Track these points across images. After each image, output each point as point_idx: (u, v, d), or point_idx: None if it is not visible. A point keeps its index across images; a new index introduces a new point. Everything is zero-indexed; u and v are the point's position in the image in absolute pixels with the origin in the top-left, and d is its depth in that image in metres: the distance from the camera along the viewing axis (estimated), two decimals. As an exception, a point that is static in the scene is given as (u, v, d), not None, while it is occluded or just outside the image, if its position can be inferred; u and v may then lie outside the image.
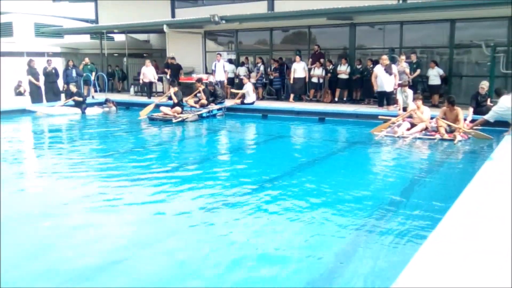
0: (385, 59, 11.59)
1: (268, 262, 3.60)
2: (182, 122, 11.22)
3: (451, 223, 3.31)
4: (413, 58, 12.71)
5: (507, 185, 4.27)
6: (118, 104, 14.38)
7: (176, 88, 11.84)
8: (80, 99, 13.05)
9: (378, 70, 11.67)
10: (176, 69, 16.42)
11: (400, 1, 13.52)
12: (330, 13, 13.43)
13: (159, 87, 17.48)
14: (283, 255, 3.72)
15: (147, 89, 16.16)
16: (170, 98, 12.04)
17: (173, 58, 16.64)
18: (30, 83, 14.06)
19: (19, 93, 16.46)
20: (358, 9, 12.98)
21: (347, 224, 4.37)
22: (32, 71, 13.94)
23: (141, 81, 16.25)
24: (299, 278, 3.33)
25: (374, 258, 3.64)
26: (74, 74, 14.95)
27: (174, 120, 11.09)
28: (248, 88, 12.94)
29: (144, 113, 12.00)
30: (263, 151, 8.84)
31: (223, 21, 14.92)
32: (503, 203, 3.75)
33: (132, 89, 18.11)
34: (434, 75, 12.58)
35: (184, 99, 12.22)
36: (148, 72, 15.79)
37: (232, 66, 16.17)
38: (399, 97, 10.95)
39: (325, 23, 14.54)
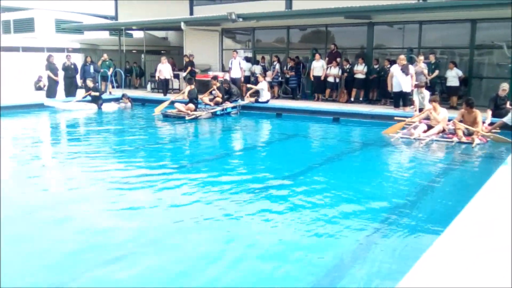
0: (402, 59, 11.40)
1: (273, 260, 3.58)
2: (195, 119, 11.23)
3: (459, 228, 3.23)
4: (432, 58, 12.49)
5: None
6: (134, 100, 14.48)
7: (192, 86, 11.86)
8: (97, 93, 13.19)
9: (395, 70, 11.49)
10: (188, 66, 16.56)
11: (420, 0, 13.28)
12: (348, 11, 13.29)
13: (176, 84, 17.58)
14: (288, 253, 3.70)
15: (163, 86, 16.25)
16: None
17: (191, 55, 16.71)
18: (49, 78, 14.25)
19: (39, 88, 16.77)
20: (377, 8, 12.79)
21: (356, 226, 4.31)
22: (51, 67, 14.13)
23: (157, 78, 16.38)
24: (304, 276, 3.31)
25: (381, 260, 3.58)
26: (92, 70, 15.12)
27: (187, 118, 11.13)
28: (263, 85, 12.90)
29: (159, 110, 12.08)
30: (273, 150, 8.79)
31: (240, 19, 14.90)
32: None
33: (149, 86, 18.24)
34: (453, 76, 12.33)
35: (199, 96, 12.22)
36: (164, 69, 15.86)
37: (249, 64, 16.15)
38: (416, 98, 10.77)
39: (343, 22, 14.38)
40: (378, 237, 4.06)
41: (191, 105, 11.52)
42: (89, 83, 13.23)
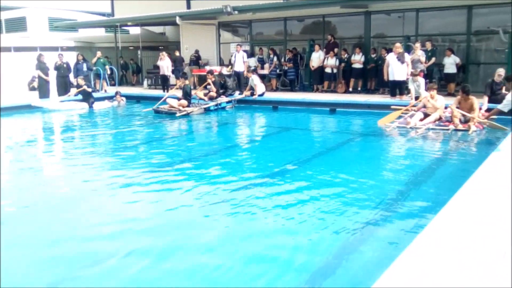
0: (398, 47, 11.24)
1: (269, 252, 3.57)
2: (187, 115, 11.09)
3: (445, 218, 3.13)
4: (428, 46, 12.32)
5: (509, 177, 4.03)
6: (130, 97, 14.37)
7: (186, 81, 11.72)
8: (89, 90, 13.01)
9: (391, 58, 11.34)
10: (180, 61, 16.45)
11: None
12: (344, 0, 13.11)
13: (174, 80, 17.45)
14: (282, 245, 3.70)
15: (162, 82, 16.10)
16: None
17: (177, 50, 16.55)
18: (39, 77, 14.06)
19: (33, 88, 16.64)
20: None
21: (350, 216, 4.28)
22: (41, 66, 13.90)
23: (160, 73, 16.13)
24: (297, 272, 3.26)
25: (376, 250, 3.55)
26: (84, 68, 15.02)
27: (178, 114, 10.98)
28: (255, 81, 12.74)
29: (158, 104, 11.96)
30: (265, 145, 8.59)
31: (236, 12, 14.74)
32: (504, 196, 3.52)
33: (145, 82, 18.12)
34: (450, 63, 12.17)
35: (193, 91, 12.10)
36: (163, 65, 15.68)
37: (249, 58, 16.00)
38: (411, 86, 10.62)
39: (339, 11, 14.23)
40: (373, 228, 4.02)
41: (184, 101, 11.37)
42: (80, 81, 13.08)
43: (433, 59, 12.13)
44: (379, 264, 3.13)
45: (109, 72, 16.69)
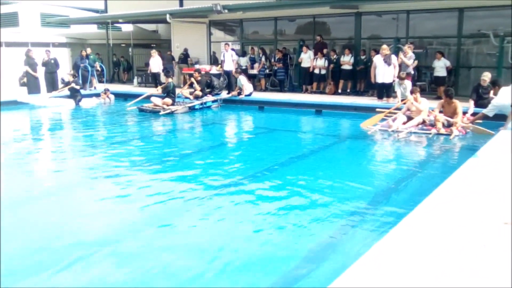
0: (384, 49, 11.07)
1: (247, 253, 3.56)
2: (171, 114, 10.94)
3: (410, 223, 3.00)
4: (407, 51, 11.97)
5: (485, 186, 3.87)
6: (118, 95, 14.22)
7: (169, 79, 11.55)
8: (77, 87, 12.85)
9: (377, 60, 11.17)
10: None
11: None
12: (333, 1, 12.95)
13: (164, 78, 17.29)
14: (261, 247, 3.70)
15: (153, 80, 15.93)
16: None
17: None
18: (28, 73, 13.93)
19: (24, 84, 16.47)
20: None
21: (324, 219, 4.27)
22: (29, 62, 13.80)
23: (149, 71, 16.03)
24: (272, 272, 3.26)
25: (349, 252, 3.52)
26: (86, 63, 15.00)
27: (161, 112, 10.84)
28: (242, 81, 12.59)
29: (131, 104, 11.81)
30: (245, 146, 8.44)
31: (226, 10, 14.58)
32: (476, 204, 3.38)
33: (135, 80, 17.96)
34: (440, 67, 12.00)
35: (178, 90, 11.94)
36: (154, 63, 15.52)
37: (237, 57, 15.83)
38: (397, 89, 10.46)
39: (330, 12, 14.08)
40: (348, 230, 4.03)
41: (168, 100, 11.22)
42: (68, 77, 12.93)
43: (415, 62, 11.81)
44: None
45: (98, 69, 16.51)
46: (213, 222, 4.23)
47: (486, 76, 9.38)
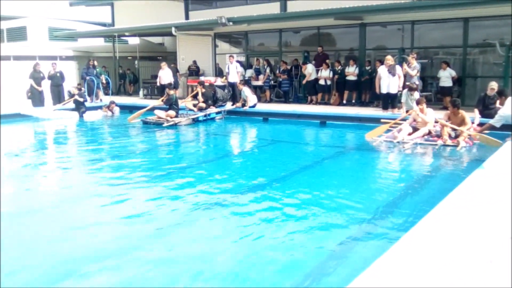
0: (388, 59, 10.99)
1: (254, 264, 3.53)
2: (174, 126, 10.91)
3: (415, 236, 2.92)
4: (412, 61, 11.87)
5: (492, 198, 3.76)
6: (122, 107, 14.24)
7: (171, 92, 11.55)
8: (81, 99, 12.89)
9: (382, 71, 11.10)
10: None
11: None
12: (337, 13, 12.95)
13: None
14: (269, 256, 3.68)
15: (162, 92, 15.89)
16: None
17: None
18: (31, 87, 13.99)
19: (31, 97, 16.62)
20: (365, 8, 12.44)
21: (328, 233, 4.20)
22: (34, 75, 13.87)
23: (158, 83, 15.97)
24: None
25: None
26: (95, 73, 15.09)
27: (165, 124, 10.82)
28: (246, 93, 12.56)
29: (133, 118, 11.79)
30: (249, 157, 8.36)
31: (230, 23, 14.65)
32: (483, 216, 3.28)
33: (141, 92, 18.02)
34: (446, 77, 11.91)
35: (181, 101, 11.93)
36: (164, 75, 15.51)
37: (241, 69, 15.84)
38: (404, 100, 10.35)
39: (334, 23, 14.08)
40: (353, 245, 3.95)
41: (171, 112, 11.20)
42: (73, 89, 12.99)
43: (418, 72, 11.66)
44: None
45: (104, 82, 16.59)
46: (215, 233, 4.19)
47: (494, 86, 9.25)
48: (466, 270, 2.41)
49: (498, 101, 9.08)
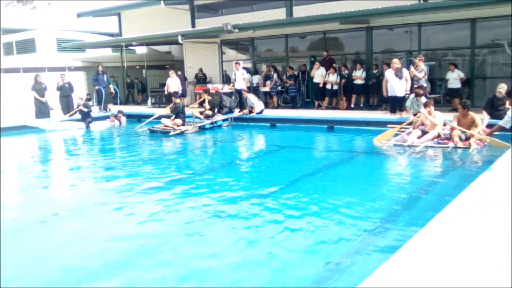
0: (395, 62, 10.91)
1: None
2: (181, 134, 10.91)
3: (423, 239, 2.86)
4: (419, 63, 11.76)
5: (500, 201, 3.68)
6: (130, 116, 14.31)
7: (178, 100, 11.57)
8: (85, 109, 12.92)
9: (389, 74, 11.02)
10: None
11: (421, 1, 12.75)
12: (342, 17, 12.90)
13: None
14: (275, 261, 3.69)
15: (170, 100, 15.92)
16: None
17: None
18: (35, 98, 13.96)
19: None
20: (371, 12, 12.35)
21: (342, 237, 4.17)
22: (36, 87, 13.85)
23: (166, 92, 15.97)
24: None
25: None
26: (105, 79, 15.21)
27: (171, 133, 10.83)
28: (252, 100, 12.55)
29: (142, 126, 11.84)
30: (257, 164, 8.30)
31: (236, 30, 14.68)
32: (491, 218, 3.21)
33: (149, 101, 18.10)
34: (454, 78, 11.78)
35: (187, 109, 11.93)
36: (172, 84, 15.55)
37: (248, 75, 15.86)
38: (409, 103, 10.26)
39: (341, 28, 14.03)
40: (363, 247, 3.92)
41: (178, 120, 11.22)
42: (79, 101, 13.06)
43: (426, 75, 11.53)
44: None
45: (112, 91, 16.68)
46: (223, 240, 4.18)
47: (502, 88, 9.12)
48: (474, 274, 2.35)
49: (507, 102, 8.96)
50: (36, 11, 24.60)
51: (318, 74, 13.83)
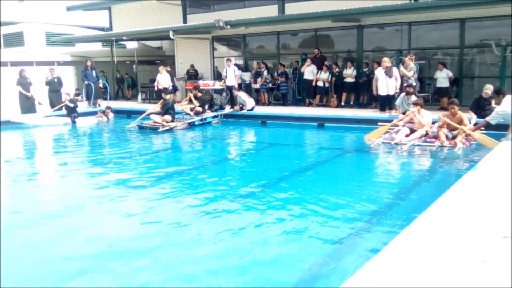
0: (385, 61, 11.00)
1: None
2: (170, 130, 10.88)
3: (407, 238, 2.89)
4: (409, 62, 11.83)
5: (485, 198, 3.73)
6: (119, 112, 14.22)
7: (167, 96, 11.52)
8: (71, 105, 12.72)
9: (379, 73, 11.10)
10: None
11: (412, 1, 12.84)
12: (334, 15, 12.94)
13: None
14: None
15: (160, 96, 15.86)
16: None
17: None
18: (20, 93, 13.69)
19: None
20: (362, 10, 12.42)
21: (322, 235, 4.18)
22: (21, 81, 13.62)
23: (156, 88, 15.94)
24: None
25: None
26: (94, 74, 15.05)
27: (160, 129, 10.79)
28: (243, 98, 12.56)
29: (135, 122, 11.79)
30: (246, 161, 8.34)
31: (228, 26, 14.65)
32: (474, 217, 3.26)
33: (139, 96, 18.01)
34: (443, 77, 11.91)
35: (177, 105, 11.90)
36: (162, 79, 15.48)
37: (239, 72, 15.85)
38: (398, 102, 10.35)
39: (332, 26, 14.08)
40: (348, 246, 3.96)
41: (167, 116, 11.18)
42: (66, 96, 12.90)
43: (415, 74, 11.63)
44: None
45: (101, 86, 16.56)
46: (209, 238, 4.19)
47: (489, 89, 9.27)
48: (459, 270, 2.40)
49: (493, 101, 9.10)
50: (24, 4, 24.21)
51: (309, 71, 13.88)
